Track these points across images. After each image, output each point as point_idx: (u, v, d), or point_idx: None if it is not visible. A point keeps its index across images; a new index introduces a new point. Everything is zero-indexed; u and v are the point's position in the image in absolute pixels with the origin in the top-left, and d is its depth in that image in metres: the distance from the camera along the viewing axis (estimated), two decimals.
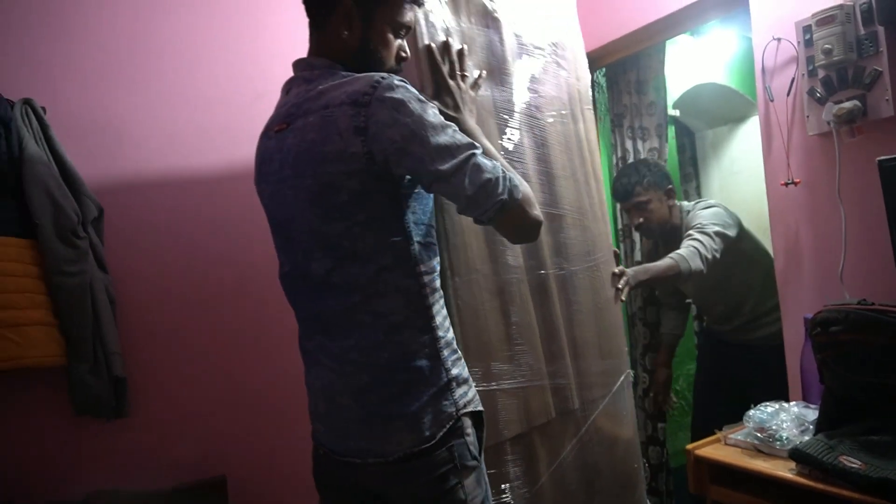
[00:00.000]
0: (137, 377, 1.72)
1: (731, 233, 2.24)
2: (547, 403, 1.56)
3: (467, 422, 1.15)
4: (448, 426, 1.12)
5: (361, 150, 1.04)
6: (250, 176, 1.28)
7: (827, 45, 1.66)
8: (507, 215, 1.10)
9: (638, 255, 2.73)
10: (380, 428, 1.12)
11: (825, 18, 1.67)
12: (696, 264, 2.09)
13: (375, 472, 1.14)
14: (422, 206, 1.15)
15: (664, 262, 2.11)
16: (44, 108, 1.64)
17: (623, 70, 2.75)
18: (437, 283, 1.18)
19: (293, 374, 1.92)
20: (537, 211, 1.16)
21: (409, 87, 1.07)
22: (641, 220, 2.37)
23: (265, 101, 1.94)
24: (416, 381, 1.11)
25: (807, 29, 1.73)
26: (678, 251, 2.12)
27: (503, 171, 1.10)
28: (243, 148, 1.91)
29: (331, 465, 1.21)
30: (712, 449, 1.66)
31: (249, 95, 1.94)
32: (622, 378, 1.80)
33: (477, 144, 1.11)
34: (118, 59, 1.78)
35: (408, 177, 1.09)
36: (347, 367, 1.13)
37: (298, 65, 1.20)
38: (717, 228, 2.19)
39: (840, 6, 1.65)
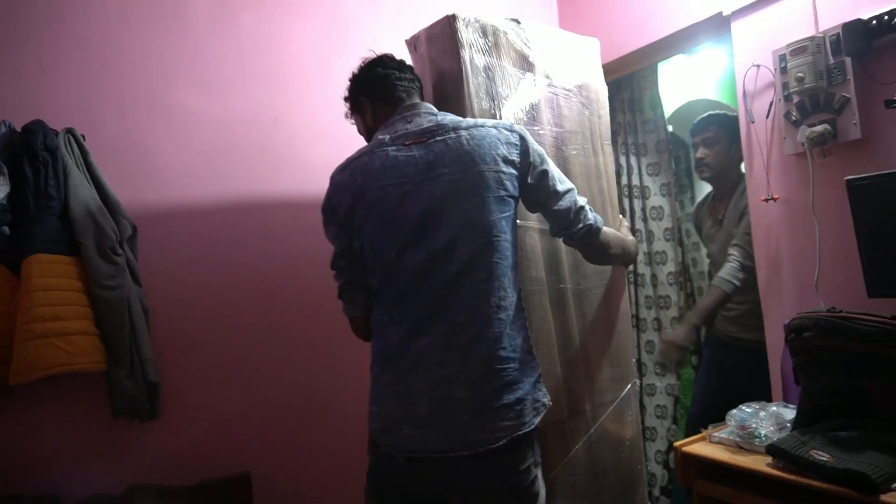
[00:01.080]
0: (168, 382, 1.87)
1: None
2: (560, 403, 1.71)
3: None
4: (542, 414, 1.33)
5: (518, 159, 1.37)
6: (271, 192, 1.45)
7: (800, 74, 1.81)
8: (590, 237, 1.49)
9: (632, 266, 2.86)
10: (491, 415, 1.26)
11: (798, 49, 1.82)
12: (740, 278, 2.28)
13: (474, 465, 1.26)
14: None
15: (712, 295, 2.33)
16: (83, 136, 1.80)
17: (617, 90, 2.89)
18: None
19: (314, 377, 2.09)
20: (616, 247, 1.58)
21: None
22: (703, 155, 2.52)
23: (283, 124, 2.12)
24: (522, 371, 1.30)
25: (782, 57, 1.88)
26: (720, 275, 2.32)
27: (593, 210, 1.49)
28: (264, 167, 2.08)
29: (415, 469, 1.31)
30: (698, 446, 1.79)
31: (269, 119, 2.10)
32: (629, 386, 1.95)
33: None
34: (150, 88, 1.94)
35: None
36: (471, 359, 1.27)
37: (410, 107, 1.47)
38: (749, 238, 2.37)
39: (811, 38, 1.80)
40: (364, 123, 1.55)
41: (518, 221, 1.48)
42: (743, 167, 2.47)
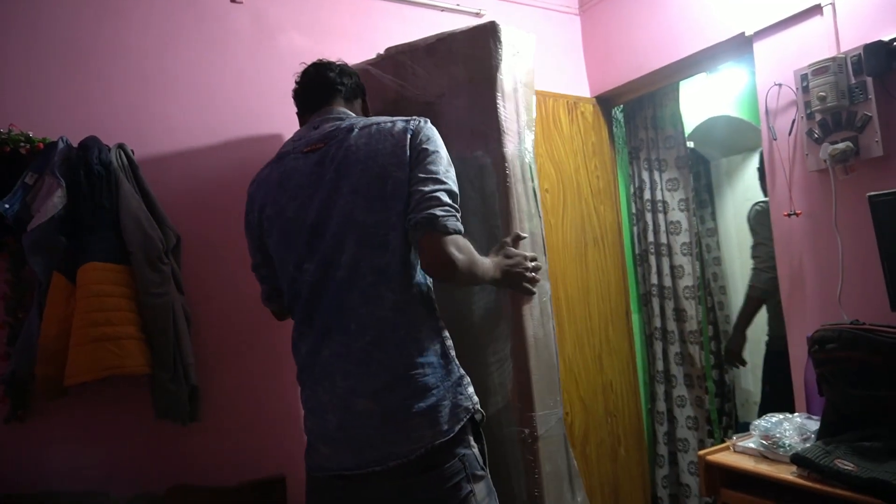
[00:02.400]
0: (208, 386, 1.94)
1: (768, 234, 2.37)
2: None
3: (470, 430, 1.24)
4: (464, 420, 1.20)
5: (409, 143, 1.25)
6: None
7: (822, 93, 1.86)
8: (428, 234, 1.20)
9: (654, 279, 2.91)
10: (401, 425, 1.16)
11: (820, 69, 1.87)
12: (766, 277, 2.58)
13: (392, 485, 1.17)
14: None
15: (747, 305, 2.68)
16: (133, 151, 1.90)
17: (640, 107, 2.96)
18: None
19: None
20: (460, 255, 1.21)
21: None
22: None
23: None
24: (433, 377, 1.19)
25: (804, 77, 1.94)
26: (750, 281, 2.65)
27: (457, 212, 1.24)
28: None
29: (335, 490, 1.23)
30: (722, 455, 1.83)
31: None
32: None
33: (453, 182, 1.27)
34: (194, 107, 2.04)
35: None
36: (371, 367, 1.18)
37: (323, 112, 1.42)
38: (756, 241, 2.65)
39: (833, 58, 1.86)
40: None
41: None
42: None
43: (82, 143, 1.76)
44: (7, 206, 1.67)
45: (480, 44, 1.67)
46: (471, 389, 1.27)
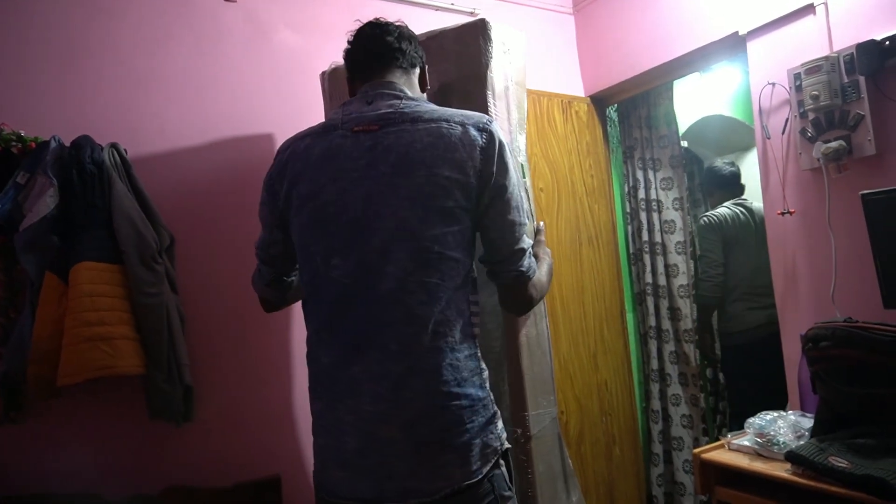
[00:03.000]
0: (202, 386, 1.93)
1: (708, 246, 2.84)
2: None
3: (499, 456, 1.16)
4: (493, 461, 1.12)
5: (478, 166, 1.13)
6: None
7: (815, 92, 1.87)
8: (518, 282, 1.21)
9: (648, 277, 2.92)
10: (429, 462, 1.07)
11: (813, 68, 1.88)
12: (709, 286, 2.81)
13: None
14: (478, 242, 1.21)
15: (700, 313, 2.83)
16: (126, 150, 1.88)
17: (634, 106, 2.97)
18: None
19: None
20: (536, 294, 1.25)
21: None
22: None
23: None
24: (469, 410, 1.10)
25: (797, 76, 1.95)
26: (698, 291, 2.85)
27: (532, 255, 1.23)
28: None
29: None
30: (717, 453, 1.83)
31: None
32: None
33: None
34: (187, 105, 2.03)
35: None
36: (406, 393, 1.08)
37: (377, 84, 1.25)
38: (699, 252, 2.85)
39: (826, 58, 1.86)
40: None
41: None
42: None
43: (75, 142, 1.75)
44: None
45: (470, 41, 1.65)
46: (501, 425, 1.18)
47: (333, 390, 1.14)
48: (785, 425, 1.77)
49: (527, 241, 1.22)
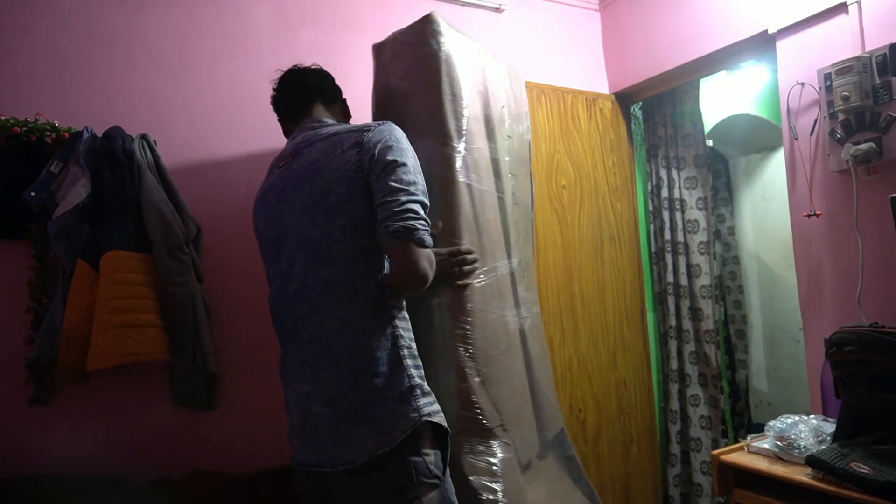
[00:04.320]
0: (226, 374, 1.97)
1: None
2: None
3: (426, 438, 1.21)
4: (411, 430, 1.19)
5: (354, 159, 1.26)
6: None
7: (845, 93, 1.84)
8: (405, 245, 1.21)
9: (670, 277, 2.90)
10: (348, 433, 1.20)
11: (844, 68, 1.85)
12: None
13: (343, 482, 1.22)
14: None
15: None
16: (155, 141, 1.92)
17: (659, 104, 2.94)
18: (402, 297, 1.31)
19: None
20: (430, 272, 1.24)
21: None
22: None
23: None
24: (381, 387, 1.20)
25: (827, 76, 1.92)
26: None
27: (429, 225, 1.25)
28: None
29: (306, 482, 1.32)
30: (736, 455, 1.83)
31: None
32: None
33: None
34: (216, 97, 2.07)
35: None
36: (322, 374, 1.25)
37: (303, 121, 1.47)
38: None
39: (857, 58, 1.83)
40: None
41: None
42: None
43: (106, 133, 1.79)
44: (33, 193, 1.71)
45: (419, 38, 1.66)
46: (423, 400, 1.23)
47: (284, 377, 1.37)
48: (806, 429, 1.76)
49: (421, 211, 1.24)
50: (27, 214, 1.74)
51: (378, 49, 1.80)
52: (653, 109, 2.99)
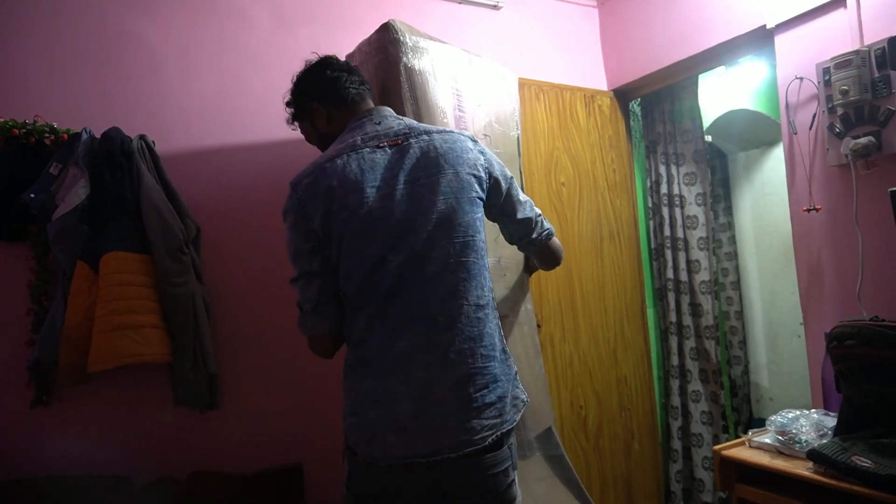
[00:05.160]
0: (226, 374, 1.97)
1: None
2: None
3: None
4: (522, 410, 1.33)
5: (483, 161, 1.39)
6: None
7: (844, 87, 1.84)
8: (552, 241, 1.52)
9: (670, 273, 2.90)
10: (475, 414, 1.23)
11: (843, 62, 1.85)
12: None
13: (457, 467, 1.23)
14: None
15: None
16: (154, 142, 1.92)
17: (657, 100, 2.94)
18: None
19: None
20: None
21: None
22: None
23: None
24: (501, 369, 1.30)
25: (826, 71, 1.91)
26: None
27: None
28: None
29: (397, 478, 1.24)
30: (738, 450, 1.83)
31: None
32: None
33: None
34: (214, 98, 2.06)
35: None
36: (452, 358, 1.24)
37: (374, 110, 1.44)
38: None
39: (856, 52, 1.83)
40: (316, 129, 1.49)
41: None
42: None
43: (105, 134, 1.79)
44: (33, 195, 1.70)
45: (377, 46, 1.73)
46: (520, 382, 1.37)
47: (382, 366, 1.25)
48: (807, 424, 1.76)
49: (538, 209, 1.50)
50: (27, 216, 1.74)
51: (349, 60, 1.83)
52: (651, 105, 2.99)
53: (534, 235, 1.48)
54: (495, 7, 2.60)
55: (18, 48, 1.82)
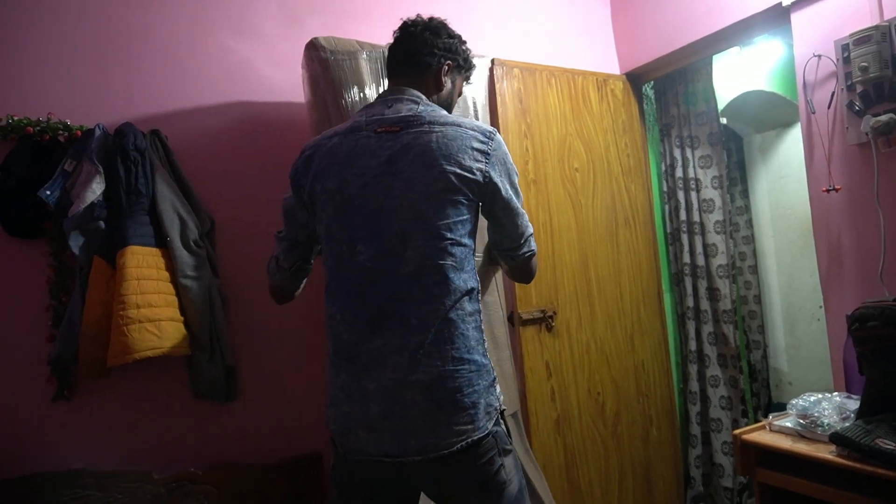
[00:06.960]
0: (244, 366, 1.99)
1: None
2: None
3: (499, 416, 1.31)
4: (495, 419, 1.27)
5: (483, 167, 1.29)
6: None
7: (863, 63, 1.80)
8: (530, 261, 1.45)
9: (686, 258, 2.87)
10: (446, 420, 1.20)
11: (862, 38, 1.81)
12: None
13: (429, 468, 1.22)
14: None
15: None
16: (167, 137, 1.93)
17: (671, 83, 2.90)
18: None
19: None
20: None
21: None
22: None
23: None
24: (476, 374, 1.25)
25: (845, 47, 1.87)
26: None
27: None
28: None
29: (365, 472, 1.26)
30: (758, 434, 1.81)
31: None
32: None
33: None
34: (225, 92, 2.06)
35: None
36: (424, 361, 1.21)
37: (396, 90, 1.39)
38: None
39: (876, 27, 1.79)
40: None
41: None
42: None
43: (118, 130, 1.80)
44: (48, 192, 1.72)
45: (305, 61, 1.91)
46: (498, 389, 1.33)
47: (356, 364, 1.26)
48: (830, 407, 1.74)
49: (531, 227, 1.43)
50: (43, 213, 1.75)
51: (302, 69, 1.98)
52: (665, 88, 2.95)
53: (518, 252, 1.41)
54: None
55: (30, 47, 1.83)
